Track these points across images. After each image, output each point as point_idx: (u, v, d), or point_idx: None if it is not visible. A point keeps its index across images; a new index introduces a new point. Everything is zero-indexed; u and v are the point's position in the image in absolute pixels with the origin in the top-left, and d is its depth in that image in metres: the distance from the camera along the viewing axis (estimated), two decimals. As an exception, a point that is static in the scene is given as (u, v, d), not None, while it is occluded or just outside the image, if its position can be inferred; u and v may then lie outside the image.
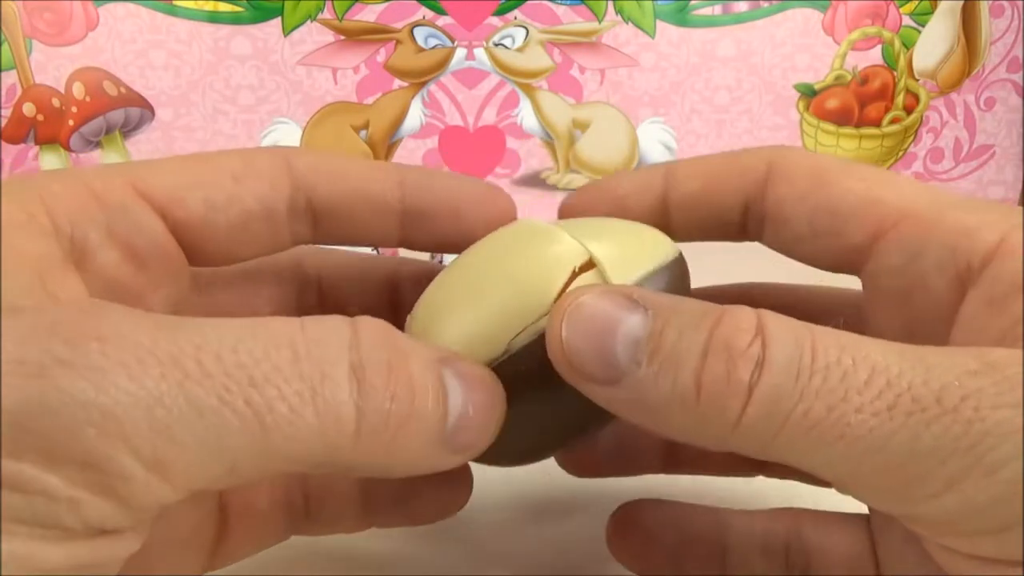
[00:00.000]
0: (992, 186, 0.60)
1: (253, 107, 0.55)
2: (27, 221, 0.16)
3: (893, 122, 0.58)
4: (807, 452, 0.15)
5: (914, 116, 0.58)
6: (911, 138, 0.58)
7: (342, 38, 0.54)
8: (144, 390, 0.13)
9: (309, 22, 0.54)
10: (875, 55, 0.57)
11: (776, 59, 0.56)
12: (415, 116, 0.56)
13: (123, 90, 0.54)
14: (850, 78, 0.57)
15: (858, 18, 0.56)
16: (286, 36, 0.54)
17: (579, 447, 0.24)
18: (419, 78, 0.56)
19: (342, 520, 0.22)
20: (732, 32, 0.55)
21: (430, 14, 0.54)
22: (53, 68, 0.53)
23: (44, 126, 0.54)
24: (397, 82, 0.56)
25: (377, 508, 0.22)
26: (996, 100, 0.58)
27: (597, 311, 0.15)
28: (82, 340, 0.13)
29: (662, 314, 0.15)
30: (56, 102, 0.53)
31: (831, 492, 0.17)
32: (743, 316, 0.15)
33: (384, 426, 0.15)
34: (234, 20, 0.53)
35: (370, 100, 0.56)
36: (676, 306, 0.16)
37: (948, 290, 0.18)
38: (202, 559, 0.20)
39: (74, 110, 0.53)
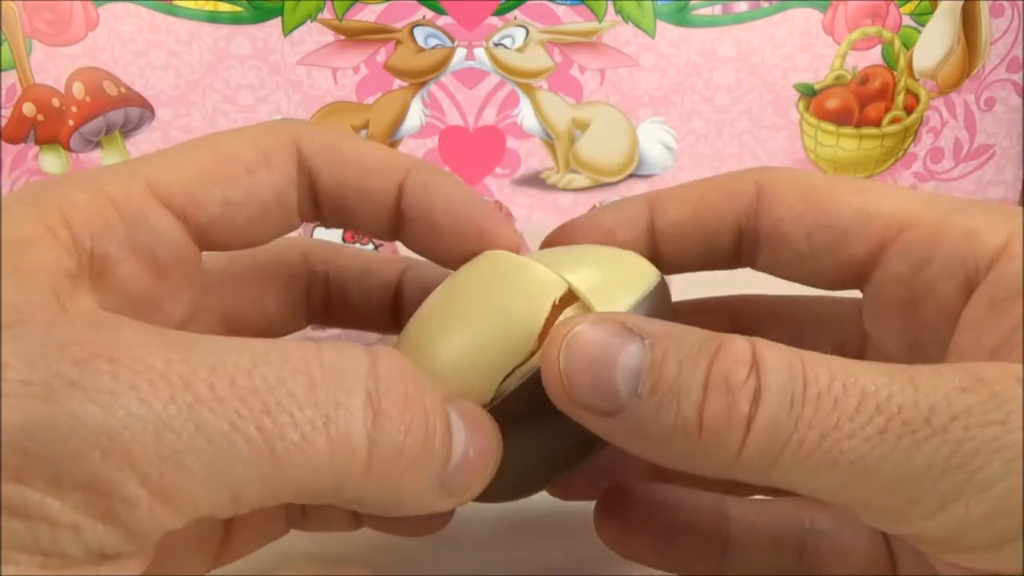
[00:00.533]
0: (992, 186, 0.60)
1: (253, 107, 0.55)
2: (45, 234, 0.16)
3: (893, 122, 0.58)
4: (804, 479, 0.15)
5: (914, 116, 0.58)
6: (911, 138, 0.58)
7: (342, 38, 0.54)
8: (153, 414, 0.12)
9: (309, 22, 0.54)
10: (875, 55, 0.57)
11: (776, 59, 0.56)
12: (415, 116, 0.56)
13: (123, 90, 0.53)
14: (850, 78, 0.57)
15: (858, 18, 0.56)
16: (286, 36, 0.54)
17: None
18: (419, 78, 0.55)
19: (337, 520, 0.23)
20: (732, 32, 0.55)
21: (430, 14, 0.54)
22: (53, 68, 0.53)
23: (44, 126, 0.53)
24: (397, 82, 0.55)
25: (366, 515, 0.22)
26: (996, 100, 0.58)
27: (594, 341, 0.15)
28: (93, 361, 0.13)
29: (660, 343, 0.15)
30: (56, 102, 0.53)
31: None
32: (739, 347, 0.15)
33: (396, 459, 0.14)
34: (234, 20, 0.53)
35: (370, 100, 0.56)
36: (672, 334, 0.15)
37: (957, 296, 0.18)
38: (208, 561, 0.21)
39: (74, 110, 0.53)
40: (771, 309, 0.23)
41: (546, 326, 0.17)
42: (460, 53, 0.55)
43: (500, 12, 0.55)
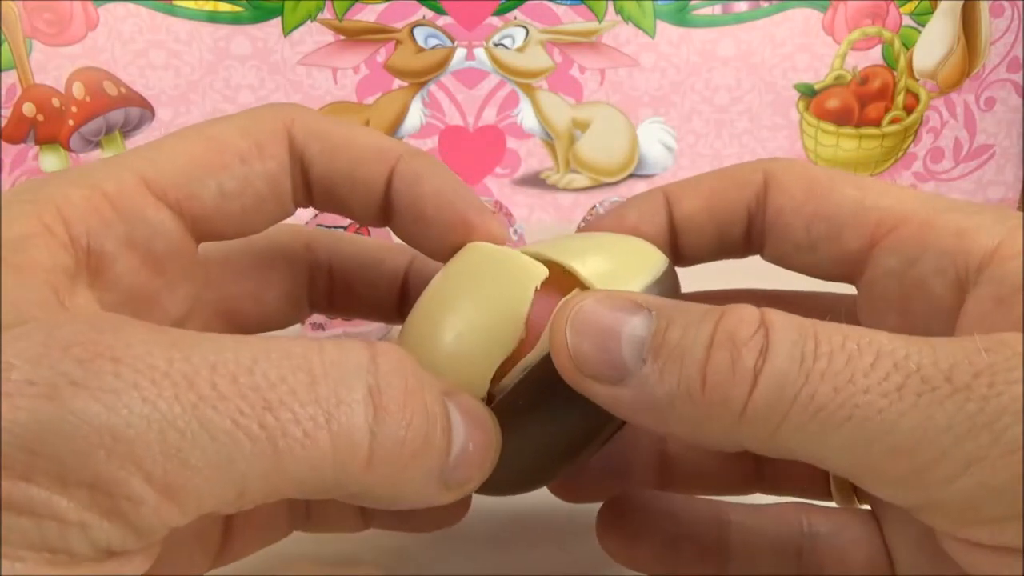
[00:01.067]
0: (992, 186, 0.60)
1: (253, 107, 0.55)
2: (43, 232, 0.16)
3: (893, 122, 0.58)
4: (814, 438, 0.14)
5: (914, 116, 0.58)
6: (911, 138, 0.59)
7: (342, 38, 0.54)
8: (157, 412, 0.12)
9: (309, 22, 0.54)
10: (875, 55, 0.57)
11: (776, 59, 0.56)
12: (415, 116, 0.56)
13: (123, 90, 0.53)
14: (850, 78, 0.57)
15: (858, 18, 0.56)
16: (286, 36, 0.54)
17: (571, 475, 0.24)
18: (419, 78, 0.55)
19: (342, 521, 0.23)
20: (732, 32, 0.55)
21: (430, 14, 0.54)
22: (53, 68, 0.53)
23: (44, 126, 0.53)
24: (397, 82, 0.55)
25: (375, 513, 0.22)
26: (996, 100, 0.58)
27: (601, 313, 0.16)
28: (95, 360, 0.13)
29: (665, 313, 0.15)
30: (56, 102, 0.53)
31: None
32: (746, 311, 0.15)
33: (397, 453, 0.15)
34: (234, 20, 0.53)
35: (370, 100, 0.56)
36: (679, 306, 0.16)
37: (947, 293, 0.18)
38: (208, 561, 0.21)
39: (74, 110, 0.53)
40: (775, 302, 0.23)
41: (532, 313, 0.17)
42: (460, 53, 0.55)
43: (500, 12, 0.55)
